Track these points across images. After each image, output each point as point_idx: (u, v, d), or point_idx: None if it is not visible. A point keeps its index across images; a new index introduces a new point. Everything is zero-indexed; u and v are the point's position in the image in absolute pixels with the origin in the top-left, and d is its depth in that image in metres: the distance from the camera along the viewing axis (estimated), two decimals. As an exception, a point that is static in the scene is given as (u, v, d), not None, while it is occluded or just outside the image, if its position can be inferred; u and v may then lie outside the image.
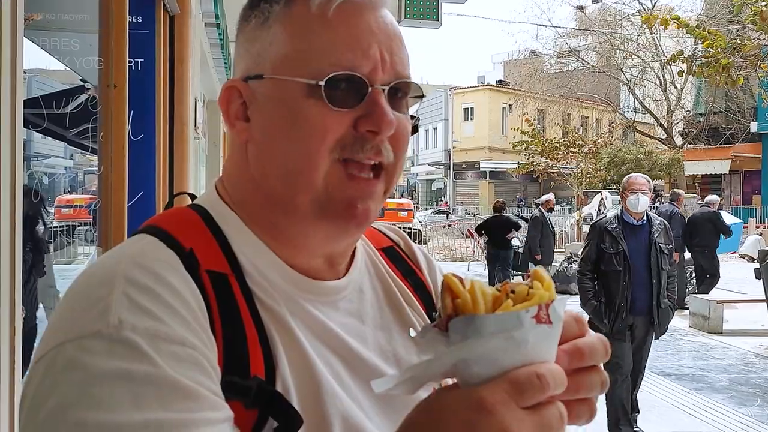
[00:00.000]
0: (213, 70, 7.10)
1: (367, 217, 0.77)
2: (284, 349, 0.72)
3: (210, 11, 4.97)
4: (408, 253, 0.97)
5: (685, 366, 7.89)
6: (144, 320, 0.62)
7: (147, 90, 3.56)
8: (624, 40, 33.25)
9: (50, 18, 3.78)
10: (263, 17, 0.77)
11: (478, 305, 0.60)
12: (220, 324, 0.69)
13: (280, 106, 0.75)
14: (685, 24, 9.18)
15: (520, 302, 0.61)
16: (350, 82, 0.73)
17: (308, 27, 0.74)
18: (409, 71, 0.78)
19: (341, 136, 0.74)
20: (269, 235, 0.78)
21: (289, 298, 0.76)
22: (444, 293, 0.62)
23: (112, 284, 0.65)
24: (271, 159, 0.76)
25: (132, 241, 0.75)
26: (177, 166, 3.95)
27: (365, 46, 0.74)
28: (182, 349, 0.63)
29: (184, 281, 0.68)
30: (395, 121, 0.75)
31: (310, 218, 0.76)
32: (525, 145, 25.91)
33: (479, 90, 44.30)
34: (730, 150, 31.12)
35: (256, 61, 0.77)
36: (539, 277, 0.64)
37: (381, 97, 0.74)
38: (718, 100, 31.56)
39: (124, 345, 0.60)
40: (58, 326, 0.64)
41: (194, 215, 0.78)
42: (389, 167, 0.77)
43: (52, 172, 26.44)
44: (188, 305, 0.66)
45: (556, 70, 36.02)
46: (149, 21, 3.63)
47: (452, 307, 0.61)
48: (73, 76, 4.63)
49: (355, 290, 0.85)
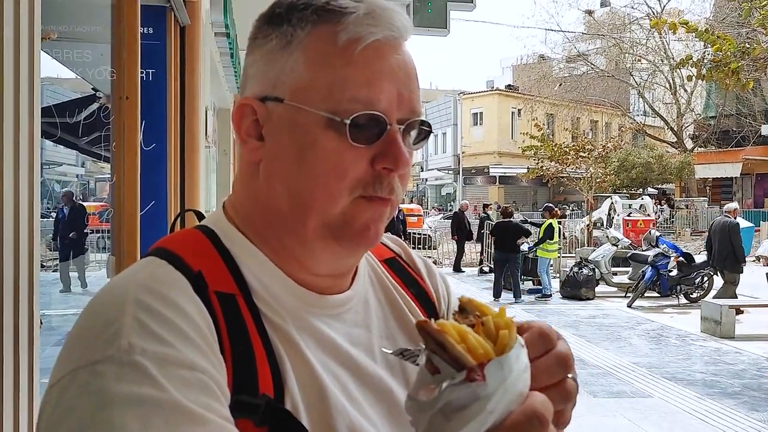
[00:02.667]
0: (223, 79, 7.15)
1: (378, 238, 0.80)
2: (292, 365, 0.74)
3: (220, 21, 5.02)
4: (409, 263, 0.99)
5: (696, 371, 7.85)
6: (153, 345, 0.64)
7: (158, 100, 3.60)
8: (633, 44, 33.17)
9: (63, 30, 3.83)
10: (285, 40, 0.78)
11: (486, 346, 0.63)
12: (229, 344, 0.70)
13: (297, 132, 0.76)
14: (694, 28, 9.15)
15: (495, 331, 0.65)
16: (371, 120, 0.74)
17: (332, 61, 0.75)
18: (420, 107, 0.80)
19: (361, 175, 0.75)
20: (276, 253, 0.80)
21: (295, 314, 0.78)
22: (445, 352, 0.64)
23: (123, 309, 0.67)
24: (283, 182, 0.78)
25: (142, 264, 0.76)
26: (188, 174, 3.98)
27: (386, 86, 0.75)
28: (191, 374, 0.64)
29: (193, 304, 0.70)
30: (410, 160, 0.77)
31: (320, 240, 0.78)
32: (534, 149, 25.87)
33: (488, 95, 44.27)
34: (741, 153, 30.94)
35: (274, 83, 0.78)
36: (479, 306, 0.68)
37: (398, 135, 0.76)
38: (728, 103, 31.39)
39: (134, 369, 0.62)
40: (71, 351, 0.66)
41: (202, 237, 0.80)
42: (395, 199, 0.80)
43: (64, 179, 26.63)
44: (198, 328, 0.68)
45: (565, 75, 35.98)
46: (160, 32, 3.68)
47: (459, 356, 0.63)
48: (84, 85, 4.69)
49: (360, 301, 0.86)
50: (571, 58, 35.09)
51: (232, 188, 0.87)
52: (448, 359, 0.63)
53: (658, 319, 11.25)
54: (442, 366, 0.64)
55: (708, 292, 12.34)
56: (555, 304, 12.76)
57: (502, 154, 41.40)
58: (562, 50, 35.74)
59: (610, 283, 13.77)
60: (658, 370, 7.85)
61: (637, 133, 36.35)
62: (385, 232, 0.84)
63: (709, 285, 12.54)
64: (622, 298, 13.08)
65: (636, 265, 13.17)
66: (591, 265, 13.52)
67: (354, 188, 0.76)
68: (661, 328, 10.48)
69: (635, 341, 9.51)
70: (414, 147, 0.81)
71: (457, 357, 0.63)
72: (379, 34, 0.75)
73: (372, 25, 0.75)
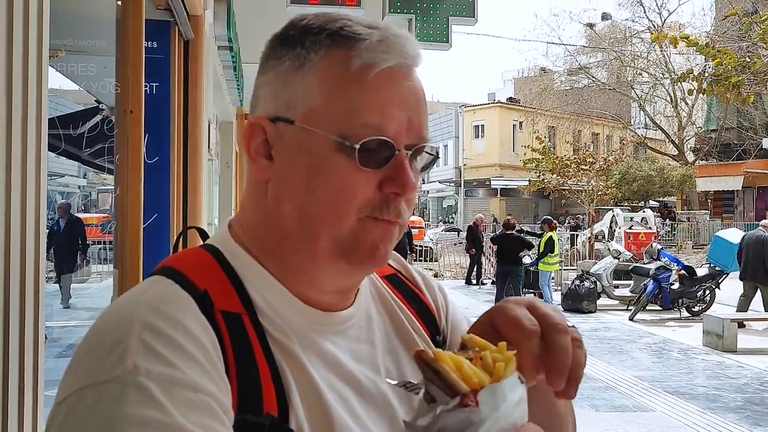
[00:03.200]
0: (226, 92, 7.18)
1: (386, 258, 0.81)
2: (297, 384, 0.74)
3: (223, 35, 5.05)
4: (409, 278, 1.00)
5: (698, 385, 7.82)
6: (158, 366, 0.65)
7: (162, 113, 3.62)
8: (634, 57, 33.30)
9: (68, 44, 3.87)
10: (299, 63, 0.79)
11: (481, 376, 0.65)
12: (234, 363, 0.71)
13: (308, 154, 0.77)
14: (695, 42, 9.20)
15: (492, 363, 0.67)
16: (380, 145, 0.76)
17: (345, 86, 0.76)
18: (428, 133, 0.81)
19: (368, 198, 0.77)
20: (282, 271, 0.81)
21: (300, 332, 0.79)
22: (440, 378, 0.65)
23: (129, 329, 0.68)
24: (292, 201, 0.79)
25: (149, 283, 0.77)
26: (190, 187, 4.00)
27: (396, 112, 0.76)
28: (195, 396, 0.65)
29: (199, 324, 0.71)
30: (416, 185, 0.79)
31: (330, 259, 0.78)
32: (536, 162, 25.91)
33: (490, 107, 44.37)
34: (742, 166, 30.98)
35: (286, 104, 0.79)
36: (479, 343, 0.70)
37: (406, 161, 0.77)
38: (729, 116, 31.48)
39: (139, 391, 0.63)
40: (79, 369, 0.67)
41: (207, 256, 0.81)
42: (402, 222, 0.81)
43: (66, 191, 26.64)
44: (204, 349, 0.69)
45: (567, 87, 36.09)
46: (164, 46, 3.71)
47: (452, 384, 0.64)
48: (87, 96, 4.71)
49: (363, 317, 0.87)
50: (573, 71, 35.24)
51: (239, 206, 0.87)
52: (443, 386, 0.65)
53: (659, 332, 11.22)
54: (437, 394, 0.66)
55: (710, 306, 12.32)
56: (557, 317, 12.71)
57: (504, 166, 41.45)
58: (563, 63, 35.94)
59: (611, 296, 13.75)
60: (660, 383, 7.83)
61: (638, 146, 36.42)
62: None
63: (711, 298, 12.52)
64: (624, 311, 13.05)
65: (638, 278, 13.16)
66: (592, 278, 13.51)
67: (361, 210, 0.77)
68: (663, 341, 10.45)
69: (637, 355, 9.48)
70: (421, 172, 0.82)
71: (452, 384, 0.64)
72: (392, 61, 0.77)
73: (385, 52, 0.77)
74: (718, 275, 12.38)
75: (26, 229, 1.36)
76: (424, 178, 50.24)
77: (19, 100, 1.34)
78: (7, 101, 1.29)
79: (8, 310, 1.26)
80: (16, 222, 1.32)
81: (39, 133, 1.44)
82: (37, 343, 1.37)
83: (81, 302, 9.85)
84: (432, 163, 0.83)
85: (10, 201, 1.29)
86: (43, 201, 1.45)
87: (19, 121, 1.34)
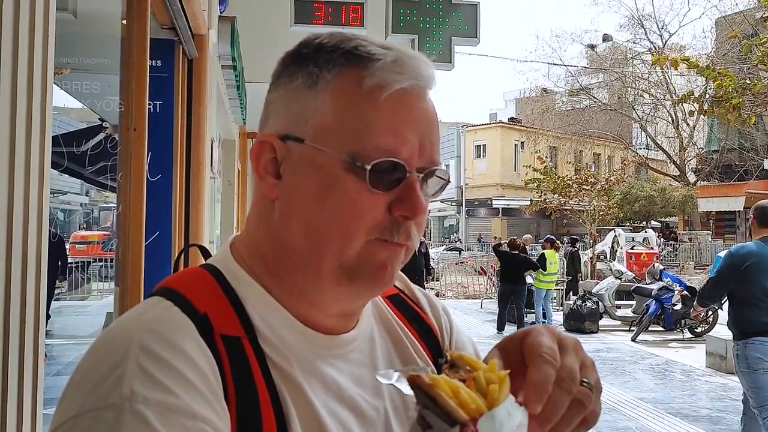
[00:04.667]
0: (229, 111, 7.21)
1: (392, 280, 0.80)
2: (297, 410, 0.73)
3: (227, 54, 5.08)
4: (412, 298, 0.98)
5: (702, 407, 7.76)
6: (156, 393, 0.64)
7: (165, 131, 3.64)
8: (635, 78, 33.45)
9: (72, 62, 3.90)
10: (311, 80, 0.77)
11: (478, 401, 0.64)
12: (234, 388, 0.70)
13: (317, 173, 0.76)
14: (695, 65, 9.25)
15: (486, 384, 0.66)
16: (391, 167, 0.75)
17: (357, 106, 0.75)
18: (439, 155, 0.80)
19: (378, 221, 0.75)
20: (284, 292, 0.80)
21: (301, 357, 0.77)
22: (438, 406, 0.64)
23: (126, 353, 0.66)
24: (300, 220, 0.77)
25: (148, 305, 0.76)
26: (193, 205, 4.00)
27: (409, 135, 0.75)
28: (193, 423, 0.64)
29: (198, 348, 0.69)
30: (426, 208, 0.77)
31: (335, 280, 0.77)
32: (537, 182, 25.92)
33: (491, 127, 44.50)
34: (743, 187, 30.98)
35: (297, 122, 0.78)
36: (469, 361, 0.69)
37: (417, 184, 0.76)
38: (731, 137, 31.55)
39: (135, 418, 0.62)
40: (75, 395, 0.66)
41: (208, 276, 0.80)
42: (411, 246, 0.79)
43: (68, 208, 26.73)
44: (202, 375, 0.68)
45: (568, 108, 36.23)
46: (168, 64, 3.73)
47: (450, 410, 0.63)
48: (91, 115, 4.74)
49: (365, 340, 0.86)
50: (574, 92, 35.38)
51: (245, 224, 0.86)
52: (441, 413, 0.63)
53: (662, 353, 11.15)
54: (433, 420, 0.64)
55: (713, 327, 12.24)
56: (558, 338, 12.66)
57: (505, 186, 41.49)
58: (564, 84, 36.07)
59: (613, 317, 13.69)
60: (663, 405, 7.77)
61: (639, 167, 36.47)
62: (407, 266, 0.84)
63: (713, 319, 12.45)
64: (626, 331, 12.99)
65: (640, 299, 13.10)
66: (594, 298, 13.46)
67: (370, 232, 0.75)
68: (665, 362, 10.38)
69: (640, 376, 9.42)
70: (431, 196, 0.80)
71: (450, 412, 0.63)
72: (405, 83, 0.75)
73: (398, 73, 0.75)
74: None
75: (28, 246, 1.36)
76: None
77: (23, 117, 1.35)
78: (11, 119, 1.30)
79: (8, 327, 1.25)
80: (18, 239, 1.32)
81: (42, 151, 1.45)
82: (36, 361, 1.36)
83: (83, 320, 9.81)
84: (443, 188, 0.81)
85: (12, 217, 1.29)
86: (45, 218, 1.45)
87: (23, 139, 1.35)
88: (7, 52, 1.28)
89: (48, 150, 1.49)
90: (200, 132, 4.07)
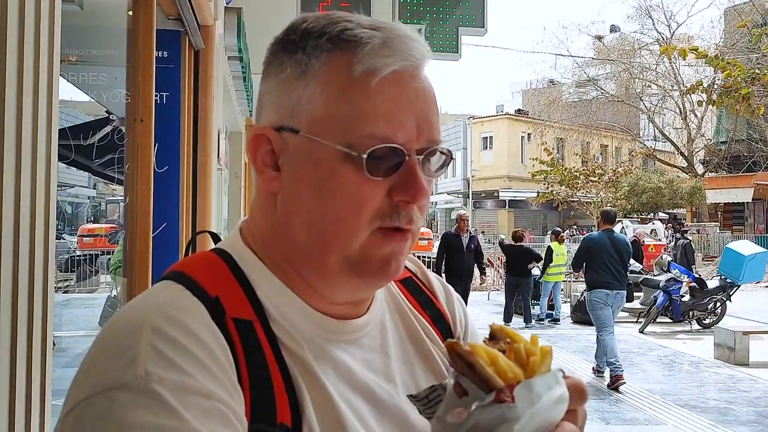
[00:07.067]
0: (235, 102, 7.21)
1: (398, 272, 0.78)
2: (309, 394, 0.73)
3: (233, 45, 5.07)
4: (425, 283, 0.97)
5: (710, 399, 7.74)
6: (170, 373, 0.63)
7: (172, 123, 3.64)
8: (643, 69, 33.24)
9: (79, 53, 3.90)
10: (300, 69, 0.76)
11: (516, 371, 0.63)
12: (247, 372, 0.70)
13: (314, 165, 0.75)
14: (704, 54, 9.16)
15: (526, 356, 0.65)
16: (388, 152, 0.73)
17: (349, 93, 0.73)
18: (439, 134, 0.78)
19: (378, 208, 0.74)
20: (293, 281, 0.79)
21: (313, 342, 0.77)
22: (473, 372, 0.64)
23: (139, 334, 0.66)
24: (302, 215, 0.76)
25: (158, 288, 0.75)
26: (200, 197, 4.00)
27: (403, 119, 0.73)
28: (208, 402, 0.63)
29: (210, 331, 0.69)
30: (428, 191, 0.76)
31: (340, 274, 0.76)
32: (544, 174, 25.87)
33: (498, 119, 44.38)
34: (752, 178, 30.80)
35: (290, 113, 0.76)
36: (510, 333, 0.69)
37: (416, 167, 0.74)
38: (739, 128, 31.33)
39: (152, 397, 0.61)
40: (87, 377, 0.65)
41: (219, 261, 0.79)
42: (415, 229, 0.78)
43: (76, 201, 26.84)
44: (215, 357, 0.67)
45: (575, 99, 36.06)
46: (175, 56, 3.72)
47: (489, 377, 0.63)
48: (97, 107, 4.74)
49: (377, 325, 0.85)
50: (581, 83, 35.20)
51: (249, 212, 0.85)
52: (477, 381, 0.63)
53: (670, 345, 11.13)
54: (470, 388, 0.64)
55: (721, 318, 12.21)
56: (566, 329, 12.66)
57: (512, 178, 41.41)
58: (571, 75, 35.88)
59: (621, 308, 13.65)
60: (671, 397, 7.75)
61: (647, 158, 36.31)
62: (453, 267, 0.82)
63: (722, 311, 12.41)
64: (634, 323, 12.95)
65: (648, 290, 13.07)
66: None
67: (372, 220, 0.74)
68: (673, 354, 10.36)
69: (648, 367, 9.40)
70: (434, 174, 0.79)
71: (487, 378, 0.62)
72: (396, 65, 0.73)
73: (388, 56, 0.73)
74: (729, 287, 12.28)
75: (35, 238, 1.36)
76: (433, 189, 50.74)
77: (29, 110, 1.34)
78: (17, 111, 1.29)
79: (16, 319, 1.25)
80: (26, 232, 1.31)
81: (49, 143, 1.44)
82: (45, 351, 1.36)
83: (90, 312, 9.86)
84: (446, 163, 0.79)
85: (19, 211, 1.28)
86: (52, 211, 1.45)
87: (30, 132, 1.34)
88: (13, 45, 1.27)
89: (55, 142, 1.48)
90: (207, 123, 4.07)
